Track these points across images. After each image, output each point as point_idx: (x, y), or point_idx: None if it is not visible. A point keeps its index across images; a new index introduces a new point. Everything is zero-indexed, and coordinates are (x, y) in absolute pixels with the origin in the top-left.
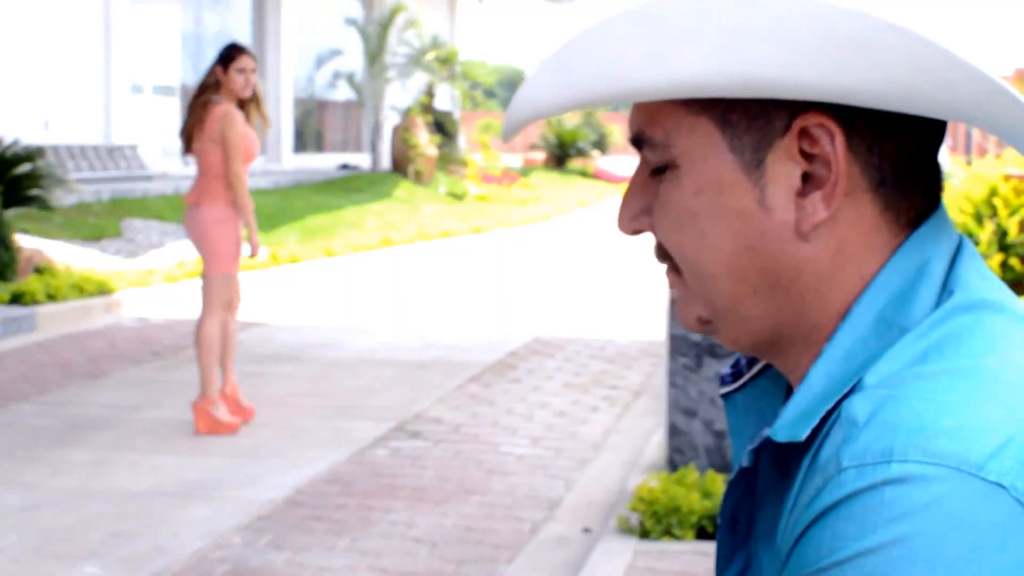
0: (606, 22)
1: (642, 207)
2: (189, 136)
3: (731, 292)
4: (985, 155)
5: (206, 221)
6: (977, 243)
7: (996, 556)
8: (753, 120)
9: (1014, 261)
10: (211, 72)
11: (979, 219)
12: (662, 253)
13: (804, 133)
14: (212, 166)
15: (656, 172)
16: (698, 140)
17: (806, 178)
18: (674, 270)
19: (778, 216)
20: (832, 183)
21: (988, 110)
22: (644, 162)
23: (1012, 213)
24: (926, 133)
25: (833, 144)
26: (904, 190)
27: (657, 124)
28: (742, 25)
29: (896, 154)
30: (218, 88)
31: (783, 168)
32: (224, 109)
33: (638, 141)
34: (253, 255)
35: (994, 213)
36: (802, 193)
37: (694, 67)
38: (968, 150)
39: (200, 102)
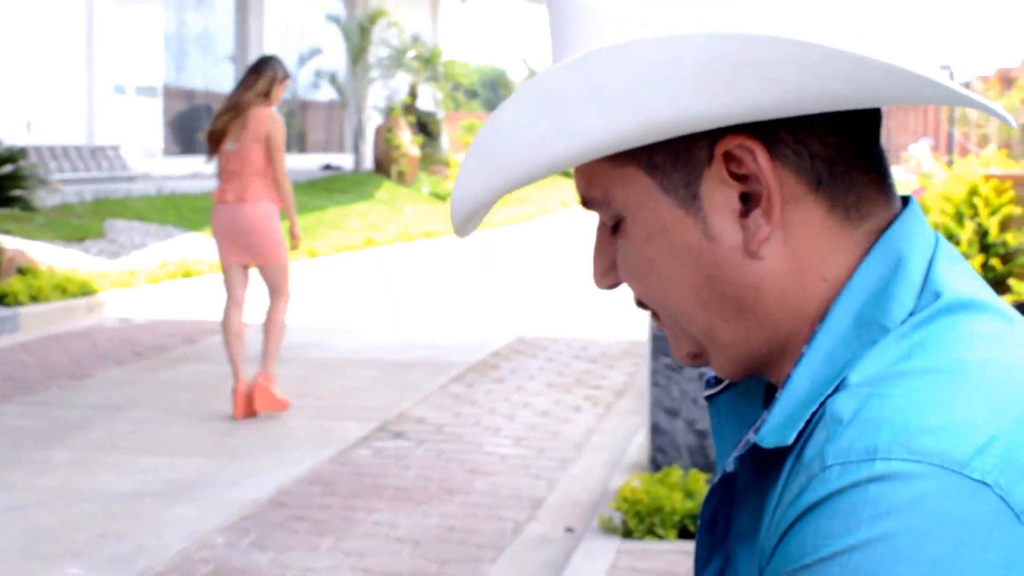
0: (509, 106)
1: (609, 263)
2: (221, 136)
3: (705, 323)
4: (967, 155)
5: (255, 217)
6: (958, 243)
7: (980, 554)
8: (677, 158)
9: (995, 261)
10: (268, 78)
11: (960, 219)
12: (639, 301)
13: (729, 156)
14: (252, 164)
15: (611, 228)
16: (633, 190)
17: (746, 198)
18: (655, 314)
19: (726, 242)
20: (766, 197)
21: (890, 90)
22: (600, 221)
23: (993, 213)
24: (850, 122)
25: (756, 160)
26: (846, 183)
27: (595, 184)
28: (627, 78)
29: (825, 151)
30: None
31: (719, 195)
32: (269, 112)
33: (586, 203)
34: (295, 246)
35: (975, 213)
36: (745, 213)
37: (597, 129)
38: (950, 150)
39: (244, 104)
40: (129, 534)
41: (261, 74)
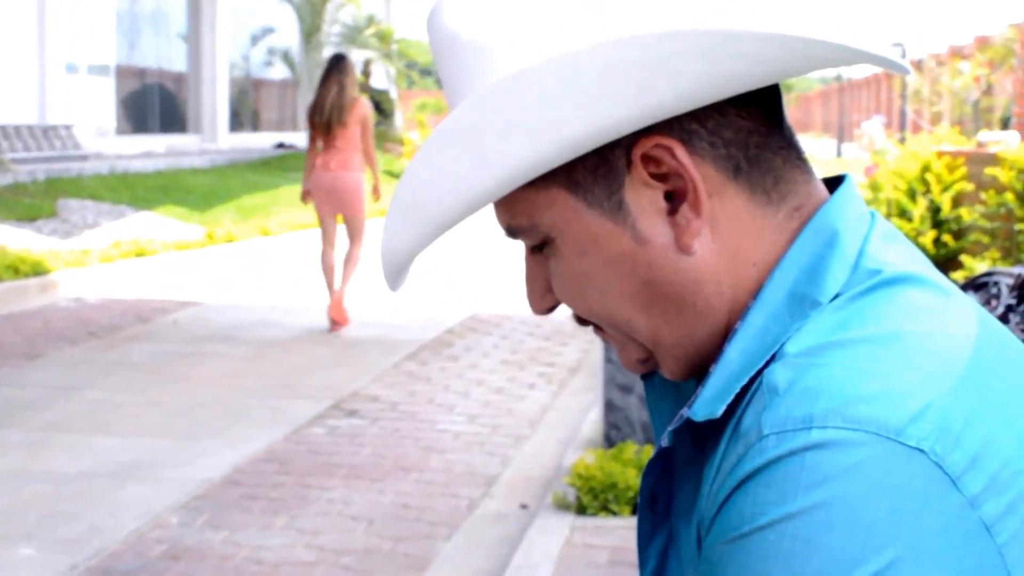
0: (424, 153)
1: (544, 286)
2: (330, 121)
3: (649, 328)
4: (919, 132)
5: (357, 181)
6: (910, 219)
7: (915, 520)
8: (596, 171)
9: (947, 237)
10: (354, 76)
11: (912, 195)
12: (579, 318)
13: (646, 159)
14: (353, 141)
15: (538, 248)
16: (558, 210)
17: (670, 197)
18: (597, 328)
19: (658, 242)
20: (692, 190)
21: (791, 61)
22: (527, 247)
23: (945, 189)
24: (755, 102)
25: (676, 157)
26: (762, 165)
27: (517, 212)
28: (538, 101)
29: (737, 136)
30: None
31: (644, 198)
32: (365, 101)
33: (512, 232)
34: (378, 199)
35: (927, 189)
36: (672, 211)
37: (516, 157)
38: (902, 127)
39: (350, 97)
40: (82, 514)
41: (347, 74)
